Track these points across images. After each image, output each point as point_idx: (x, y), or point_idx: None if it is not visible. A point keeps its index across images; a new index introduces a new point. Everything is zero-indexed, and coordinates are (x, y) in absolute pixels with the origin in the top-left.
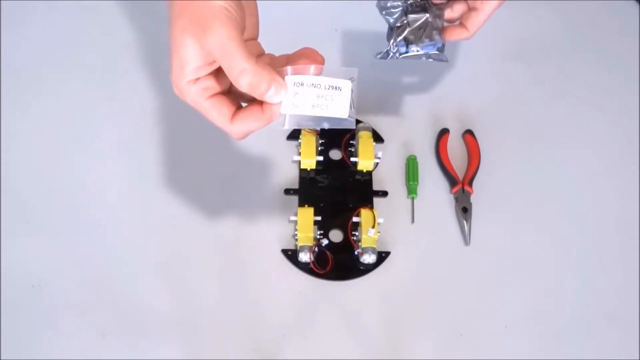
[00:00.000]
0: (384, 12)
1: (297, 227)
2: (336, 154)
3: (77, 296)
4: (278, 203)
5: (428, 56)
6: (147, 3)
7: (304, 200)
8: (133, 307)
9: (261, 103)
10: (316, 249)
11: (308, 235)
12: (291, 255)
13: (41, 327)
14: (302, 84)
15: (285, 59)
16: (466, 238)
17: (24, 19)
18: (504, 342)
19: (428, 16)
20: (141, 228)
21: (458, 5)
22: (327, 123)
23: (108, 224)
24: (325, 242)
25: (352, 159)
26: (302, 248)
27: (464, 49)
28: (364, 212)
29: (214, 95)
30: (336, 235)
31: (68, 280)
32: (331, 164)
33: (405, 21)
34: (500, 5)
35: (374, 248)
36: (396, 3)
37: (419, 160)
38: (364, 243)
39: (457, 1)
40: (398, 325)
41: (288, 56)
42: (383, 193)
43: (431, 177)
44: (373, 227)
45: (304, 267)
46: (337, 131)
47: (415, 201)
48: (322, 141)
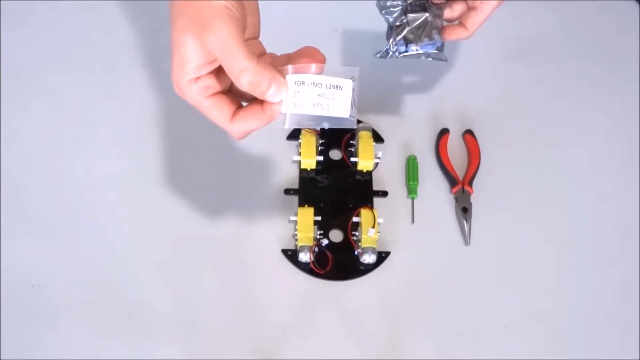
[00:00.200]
0: (384, 12)
1: (297, 227)
2: (336, 154)
3: (77, 296)
4: (278, 203)
5: (427, 55)
6: (147, 3)
7: (304, 200)
8: (133, 307)
9: (262, 102)
10: (316, 249)
11: (308, 235)
12: (291, 255)
13: (41, 327)
14: (303, 83)
15: (287, 58)
16: (466, 238)
17: (24, 19)
18: (504, 342)
19: (427, 15)
20: (141, 228)
21: (457, 4)
22: (328, 123)
23: (108, 224)
24: (325, 242)
25: (352, 159)
26: (302, 248)
27: (464, 49)
28: (364, 212)
29: (215, 94)
30: (336, 235)
31: (68, 280)
32: (331, 164)
33: (404, 20)
34: (499, 5)
35: (374, 248)
36: (396, 2)
37: (419, 160)
38: (364, 243)
39: (457, 1)
40: (398, 325)
41: (289, 55)
42: (383, 193)
43: (431, 177)
44: (373, 227)
45: (304, 267)
46: (337, 131)
47: (415, 201)
48: (322, 141)
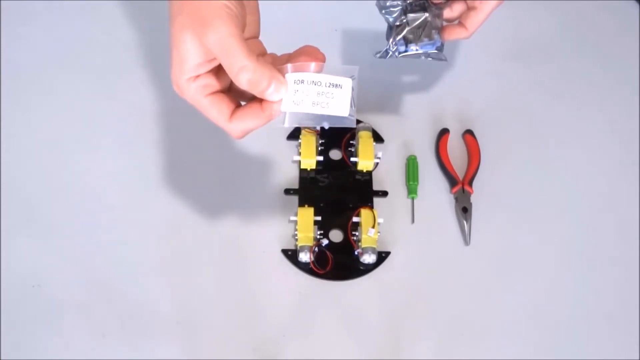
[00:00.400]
0: (384, 11)
1: (297, 227)
2: (336, 154)
3: (77, 296)
4: (278, 203)
5: (427, 55)
6: (147, 3)
7: (304, 200)
8: (133, 307)
9: (261, 101)
10: (316, 249)
11: (308, 235)
12: (291, 255)
13: (41, 327)
14: (303, 82)
15: (287, 58)
16: (466, 238)
17: (24, 19)
18: (504, 342)
19: (427, 15)
20: (141, 228)
21: (457, 4)
22: (328, 122)
23: (108, 224)
24: (325, 242)
25: (352, 159)
26: (302, 248)
27: (464, 49)
28: (364, 212)
29: (214, 93)
30: (336, 235)
31: (68, 280)
32: (331, 164)
33: (404, 20)
34: (499, 4)
35: (374, 248)
36: (396, 2)
37: (419, 160)
38: (364, 243)
39: (456, 1)
40: (398, 325)
41: (290, 54)
42: (383, 193)
43: (431, 177)
44: (373, 227)
45: (304, 267)
46: (337, 131)
47: (415, 201)
48: (322, 141)
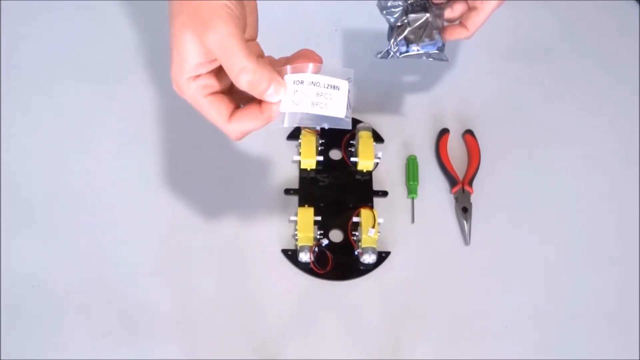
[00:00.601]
0: (385, 12)
1: (297, 227)
2: (336, 154)
3: (77, 296)
4: (278, 203)
5: (428, 55)
6: (147, 3)
7: (304, 200)
8: (133, 307)
9: (259, 103)
10: (316, 249)
11: (308, 235)
12: (291, 255)
13: (41, 327)
14: (302, 82)
15: (284, 61)
16: (466, 238)
17: (24, 19)
18: (504, 342)
19: (428, 16)
20: (141, 228)
21: (458, 4)
22: (326, 123)
23: (108, 224)
24: (325, 242)
25: (352, 159)
26: (302, 248)
27: (464, 49)
28: (364, 212)
29: (213, 93)
30: (336, 235)
31: (68, 280)
32: (331, 164)
33: (405, 21)
34: (500, 5)
35: (374, 248)
36: (397, 3)
37: (419, 160)
38: (364, 243)
39: (457, 1)
40: (398, 325)
41: (287, 58)
42: (383, 193)
43: (431, 177)
44: (373, 227)
45: (304, 267)
46: (337, 131)
47: (415, 201)
48: (322, 141)
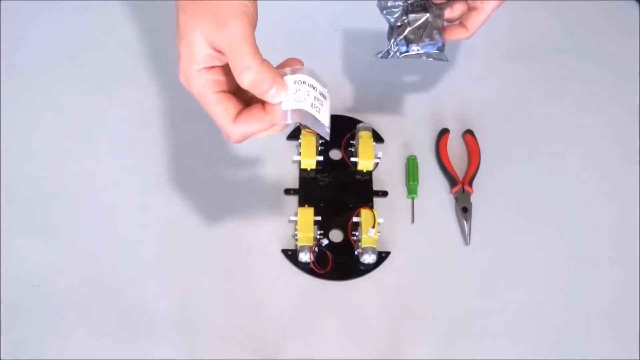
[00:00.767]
0: (385, 12)
1: (297, 227)
2: (336, 154)
3: (77, 296)
4: (278, 203)
5: (428, 55)
6: (147, 3)
7: (304, 200)
8: (133, 307)
9: (263, 105)
10: (316, 249)
11: (308, 235)
12: (291, 255)
13: (41, 327)
14: (304, 83)
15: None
16: (466, 238)
17: (24, 19)
18: (504, 342)
19: (428, 16)
20: (141, 228)
21: (458, 5)
22: (316, 127)
23: (108, 224)
24: (325, 242)
25: (352, 159)
26: (302, 248)
27: (465, 49)
28: (364, 212)
29: (222, 91)
30: (336, 235)
31: (68, 280)
32: (331, 164)
33: (405, 21)
34: (500, 5)
35: (374, 248)
36: (397, 3)
37: (419, 160)
38: (364, 243)
39: (457, 1)
40: (398, 325)
41: (279, 65)
42: (383, 193)
43: (431, 177)
44: (373, 227)
45: (304, 267)
46: (337, 131)
47: (415, 201)
48: (322, 141)
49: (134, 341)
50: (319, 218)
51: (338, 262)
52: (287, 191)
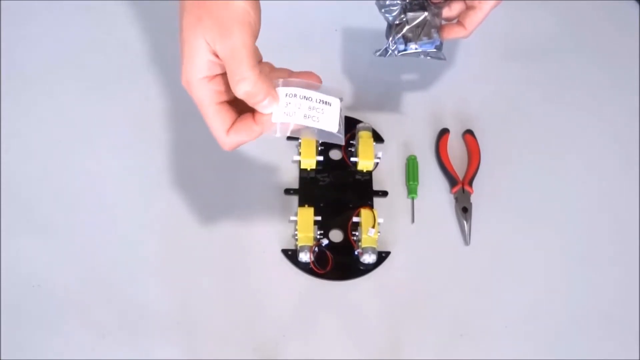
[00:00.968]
0: (383, 10)
1: (297, 227)
2: (336, 154)
3: (77, 296)
4: (278, 203)
5: (426, 54)
6: (148, 3)
7: (304, 200)
8: (133, 307)
9: (253, 114)
10: (316, 249)
11: (308, 235)
12: (291, 255)
13: (41, 327)
14: (295, 96)
15: (288, 73)
16: (466, 238)
17: (25, 20)
18: (504, 342)
19: (427, 14)
20: (141, 228)
21: (456, 3)
22: (319, 136)
23: (108, 224)
24: (325, 242)
25: (352, 159)
26: (302, 248)
27: (464, 49)
28: (364, 212)
29: (222, 102)
30: (336, 235)
31: (68, 280)
32: (331, 164)
33: (404, 19)
34: (497, 4)
35: (374, 248)
36: (395, 1)
37: (419, 160)
38: (364, 243)
39: (455, 0)
40: (398, 325)
41: (291, 72)
42: (383, 193)
43: (431, 177)
44: (373, 227)
45: (304, 267)
46: None
47: (415, 201)
48: (322, 141)
49: (134, 341)
50: (319, 218)
51: (338, 262)
52: (287, 191)
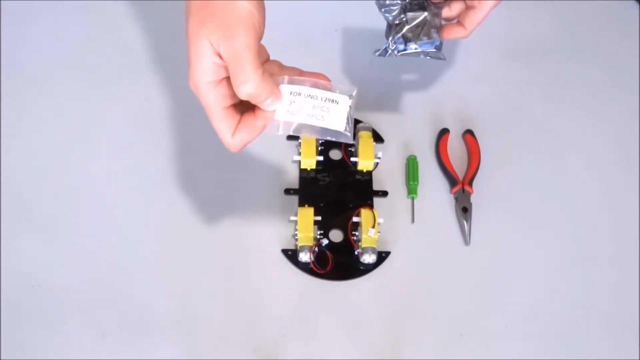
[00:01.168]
0: (383, 10)
1: (297, 227)
2: (336, 154)
3: (77, 296)
4: (278, 203)
5: (426, 54)
6: (148, 3)
7: (304, 200)
8: (133, 307)
9: (254, 111)
10: (316, 249)
11: (308, 235)
12: (291, 255)
13: (41, 327)
14: (300, 94)
15: (299, 72)
16: (466, 238)
17: (24, 19)
18: (504, 342)
19: (426, 14)
20: (141, 228)
21: (456, 3)
22: (326, 134)
23: (108, 224)
24: (325, 242)
25: (352, 159)
26: (302, 248)
27: (464, 49)
28: (364, 212)
29: (229, 106)
30: (336, 235)
31: (68, 280)
32: (331, 164)
33: (403, 19)
34: (497, 4)
35: (374, 248)
36: (395, 1)
37: (419, 160)
38: (364, 243)
39: (455, 0)
40: (398, 325)
41: (302, 71)
42: (383, 193)
43: (431, 177)
44: (373, 227)
45: (304, 267)
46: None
47: (415, 201)
48: (322, 141)
49: (134, 341)
50: (319, 218)
51: (338, 262)
52: (287, 191)
